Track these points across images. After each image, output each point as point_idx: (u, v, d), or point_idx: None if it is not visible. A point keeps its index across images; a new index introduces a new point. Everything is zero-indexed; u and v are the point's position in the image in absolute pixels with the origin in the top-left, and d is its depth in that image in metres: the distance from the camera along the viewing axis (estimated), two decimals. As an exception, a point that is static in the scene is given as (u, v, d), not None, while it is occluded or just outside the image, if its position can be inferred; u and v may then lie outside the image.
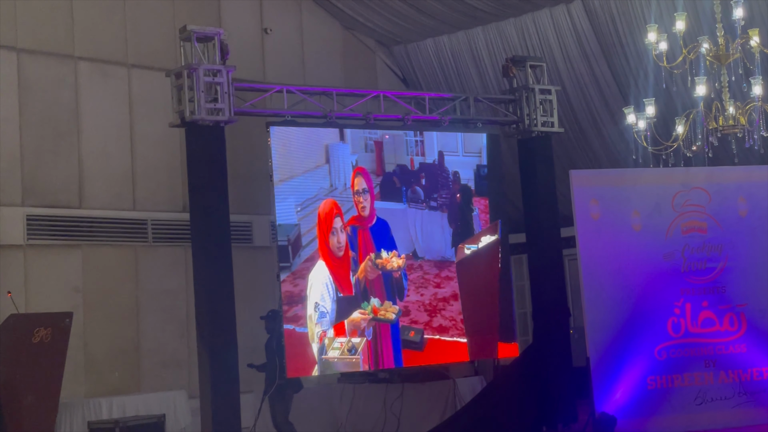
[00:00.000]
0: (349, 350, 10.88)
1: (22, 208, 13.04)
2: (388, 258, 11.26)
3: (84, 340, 13.19)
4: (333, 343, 10.93)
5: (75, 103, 13.64)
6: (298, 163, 11.01)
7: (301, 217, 10.81)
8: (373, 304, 11.32)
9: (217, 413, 10.24)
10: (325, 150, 11.51)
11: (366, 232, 11.28)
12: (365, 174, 11.46)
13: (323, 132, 11.63)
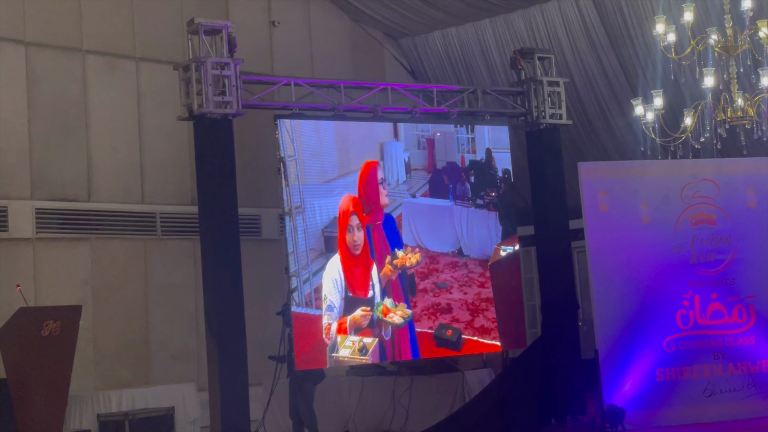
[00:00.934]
0: (359, 350, 10.88)
1: (30, 202, 13.07)
2: (404, 256, 11.22)
3: (93, 333, 13.24)
4: (345, 342, 10.93)
5: (83, 97, 13.66)
6: (354, 160, 11.36)
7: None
8: (385, 303, 11.31)
9: (226, 406, 10.26)
10: (380, 147, 11.77)
11: (380, 229, 11.26)
12: (380, 167, 11.47)
13: (379, 129, 11.93)
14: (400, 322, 11.17)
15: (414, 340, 11.60)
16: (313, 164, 11.00)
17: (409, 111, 11.89)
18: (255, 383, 11.49)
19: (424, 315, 11.90)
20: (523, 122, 12.79)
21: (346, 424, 12.82)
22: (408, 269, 11.43)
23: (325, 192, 11.12)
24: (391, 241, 11.42)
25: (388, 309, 11.13)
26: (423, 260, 11.86)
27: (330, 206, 11.14)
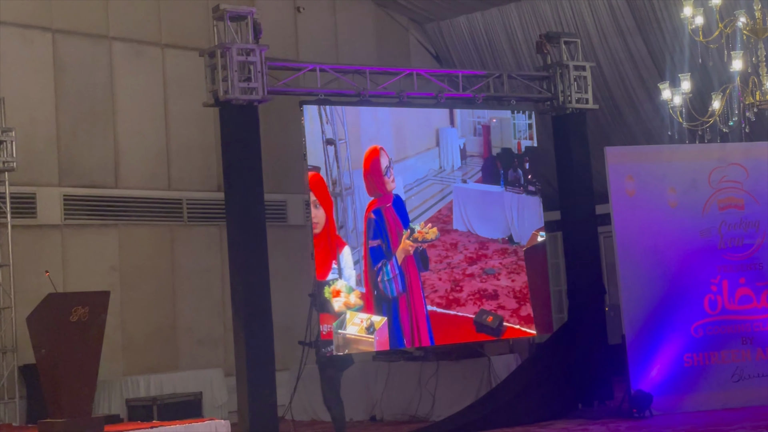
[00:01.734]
0: (367, 328, 10.87)
1: (59, 188, 13.17)
2: (422, 230, 11.22)
3: (121, 318, 13.33)
4: (354, 319, 10.90)
5: (110, 84, 13.73)
6: (410, 146, 11.51)
7: (409, 196, 11.26)
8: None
9: (254, 391, 10.31)
10: (436, 133, 11.91)
11: (390, 210, 11.27)
12: (385, 152, 11.40)
13: (435, 116, 12.04)
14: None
15: (429, 326, 11.56)
16: (368, 147, 11.16)
17: (435, 96, 11.86)
18: (281, 368, 11.54)
19: (469, 300, 11.89)
20: (548, 107, 12.74)
21: (373, 409, 12.85)
22: (427, 243, 11.38)
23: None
24: (404, 220, 11.41)
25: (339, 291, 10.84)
26: (472, 244, 11.83)
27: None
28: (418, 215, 11.38)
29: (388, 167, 11.32)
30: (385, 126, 11.53)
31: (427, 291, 11.48)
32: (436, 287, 11.58)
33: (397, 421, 12.42)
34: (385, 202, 11.36)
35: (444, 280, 11.74)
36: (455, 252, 12.00)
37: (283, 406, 11.28)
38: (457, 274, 11.93)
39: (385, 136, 11.46)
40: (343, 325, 10.76)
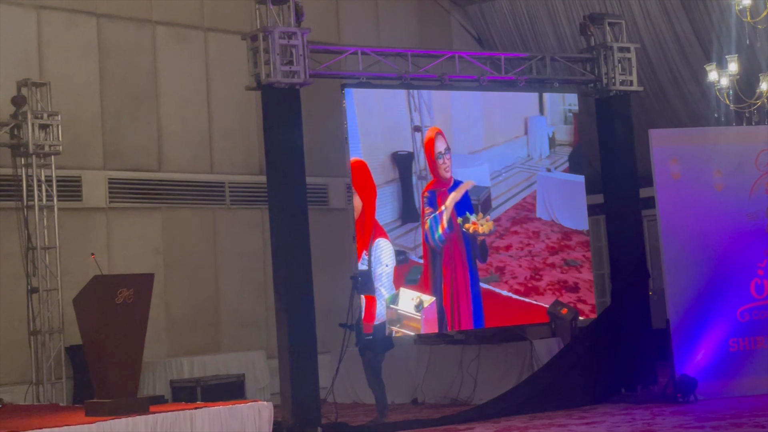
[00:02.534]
0: (416, 306, 10.84)
1: (103, 172, 13.29)
2: (476, 222, 11.11)
3: (165, 300, 13.45)
4: (406, 296, 10.88)
5: (153, 68, 13.81)
6: (499, 133, 11.56)
7: (495, 183, 11.30)
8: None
9: (295, 373, 10.36)
10: (525, 122, 11.95)
11: (444, 195, 11.21)
12: (442, 135, 11.32)
13: (524, 104, 12.06)
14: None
15: (479, 309, 11.49)
16: (460, 136, 11.15)
17: (477, 79, 11.79)
18: (323, 351, 11.58)
19: (548, 289, 11.86)
20: (592, 89, 12.62)
21: (414, 392, 12.87)
22: (479, 236, 11.29)
23: (468, 162, 11.25)
24: (459, 207, 11.30)
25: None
26: (555, 234, 11.73)
27: (472, 175, 11.31)
28: (502, 202, 11.38)
29: (441, 153, 11.17)
30: (474, 113, 11.50)
31: (506, 277, 11.47)
32: (516, 274, 11.58)
33: (438, 404, 12.43)
34: (440, 186, 11.25)
35: (524, 267, 11.78)
36: (537, 240, 12.01)
37: (325, 388, 11.33)
38: (538, 262, 11.94)
39: (473, 124, 11.45)
40: (396, 301, 10.75)
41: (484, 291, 11.44)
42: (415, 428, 10.52)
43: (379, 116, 10.87)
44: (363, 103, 10.89)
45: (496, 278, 11.56)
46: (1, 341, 12.25)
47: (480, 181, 11.23)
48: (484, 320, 11.54)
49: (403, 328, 10.79)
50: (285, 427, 10.08)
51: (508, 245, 11.58)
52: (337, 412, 10.88)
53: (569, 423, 10.21)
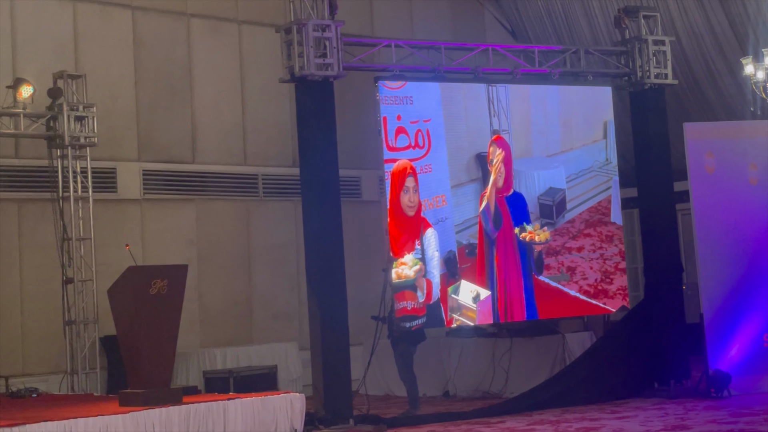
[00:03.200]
0: (473, 298, 10.83)
1: (138, 163, 13.39)
2: (533, 231, 11.12)
3: (198, 292, 13.53)
4: (467, 287, 10.86)
5: (188, 60, 13.89)
6: (577, 137, 11.64)
7: (570, 186, 11.38)
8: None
9: (328, 365, 10.39)
10: (604, 126, 12.04)
11: (502, 201, 11.19)
12: (501, 143, 11.21)
13: (604, 108, 12.06)
14: (411, 275, 10.52)
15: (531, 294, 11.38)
16: (538, 139, 11.27)
17: (510, 72, 11.76)
18: (355, 343, 11.61)
19: (618, 294, 11.92)
20: (626, 82, 12.55)
21: (446, 385, 12.88)
22: (536, 245, 11.22)
23: (545, 164, 11.34)
24: (516, 215, 11.26)
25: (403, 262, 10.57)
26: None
27: (549, 178, 11.40)
28: (577, 204, 11.48)
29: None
30: (552, 117, 11.56)
31: (577, 277, 11.53)
32: (587, 275, 11.61)
33: (470, 397, 12.44)
34: (498, 192, 11.12)
35: (595, 269, 11.80)
36: (610, 245, 12.02)
37: (356, 380, 11.36)
38: (609, 266, 11.92)
39: (552, 128, 11.53)
40: (457, 291, 10.77)
41: (552, 288, 11.43)
42: (447, 421, 10.53)
43: (465, 119, 10.91)
44: (450, 107, 10.83)
45: (567, 278, 11.60)
46: (37, 331, 12.40)
47: (556, 183, 11.35)
48: (538, 314, 11.45)
49: (461, 316, 10.81)
50: (317, 419, 10.12)
51: (581, 247, 11.64)
52: (368, 404, 10.91)
53: (601, 417, 10.18)
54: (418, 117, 10.21)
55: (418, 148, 10.12)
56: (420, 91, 10.22)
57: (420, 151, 10.10)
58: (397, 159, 9.82)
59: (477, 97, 10.86)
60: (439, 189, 10.27)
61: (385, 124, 9.84)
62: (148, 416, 8.85)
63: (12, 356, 12.19)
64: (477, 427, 10.00)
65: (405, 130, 10.10)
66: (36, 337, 12.40)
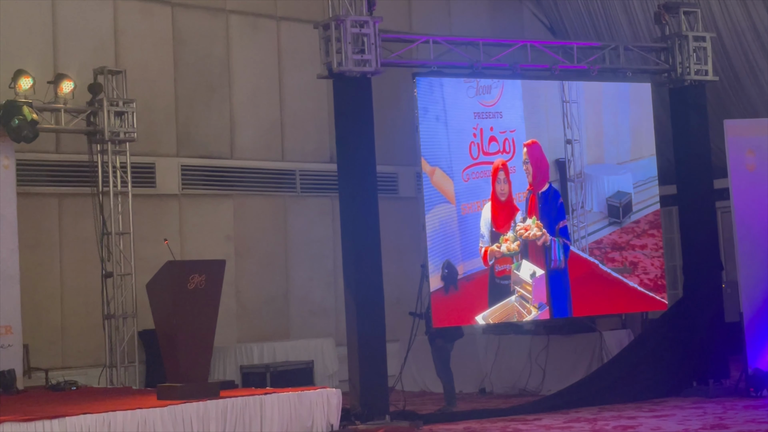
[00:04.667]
0: (531, 275, 11.37)
1: (176, 159, 13.49)
2: (527, 226, 11.56)
3: (236, 287, 13.60)
4: (526, 264, 11.39)
5: (226, 56, 13.96)
6: (646, 147, 12.36)
7: (637, 191, 12.18)
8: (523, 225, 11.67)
9: (364, 361, 10.40)
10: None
11: (533, 197, 11.66)
12: (530, 147, 11.69)
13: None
14: (504, 252, 11.39)
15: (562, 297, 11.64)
16: (609, 148, 12.20)
17: (549, 68, 11.70)
18: (392, 339, 11.62)
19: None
20: (666, 79, 12.45)
21: (482, 382, 12.86)
22: (530, 240, 11.55)
23: (615, 170, 12.17)
24: (544, 210, 11.69)
25: (507, 240, 11.50)
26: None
27: (618, 182, 12.14)
28: (643, 207, 12.20)
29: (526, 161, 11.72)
30: (623, 129, 12.28)
31: (638, 271, 12.04)
32: (648, 270, 12.07)
33: (506, 394, 12.41)
34: (533, 189, 11.64)
35: (656, 266, 12.14)
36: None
37: (393, 376, 11.37)
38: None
39: (622, 138, 12.27)
40: (519, 268, 11.33)
41: (613, 279, 11.93)
42: (483, 418, 10.51)
43: (546, 130, 11.82)
44: (532, 118, 11.68)
45: (629, 270, 12.02)
46: (77, 325, 12.53)
47: (623, 187, 12.17)
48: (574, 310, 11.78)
49: (522, 289, 11.30)
50: (353, 414, 10.14)
51: (644, 245, 12.16)
52: (405, 400, 10.92)
53: (639, 416, 10.12)
54: (506, 128, 11.54)
55: (505, 153, 11.51)
56: (508, 108, 11.53)
57: (507, 155, 11.52)
58: (491, 161, 11.39)
59: (555, 111, 11.87)
60: (522, 188, 11.58)
61: (482, 134, 11.37)
62: (186, 410, 8.91)
63: (52, 349, 12.32)
64: (513, 425, 9.97)
65: (496, 138, 11.51)
66: (75, 330, 12.53)
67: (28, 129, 11.16)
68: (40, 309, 12.23)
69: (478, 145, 11.45)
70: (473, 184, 11.43)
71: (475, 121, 11.42)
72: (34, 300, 12.09)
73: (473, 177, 11.45)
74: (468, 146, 11.31)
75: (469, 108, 11.37)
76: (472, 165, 11.36)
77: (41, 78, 11.66)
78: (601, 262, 12.02)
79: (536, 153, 11.78)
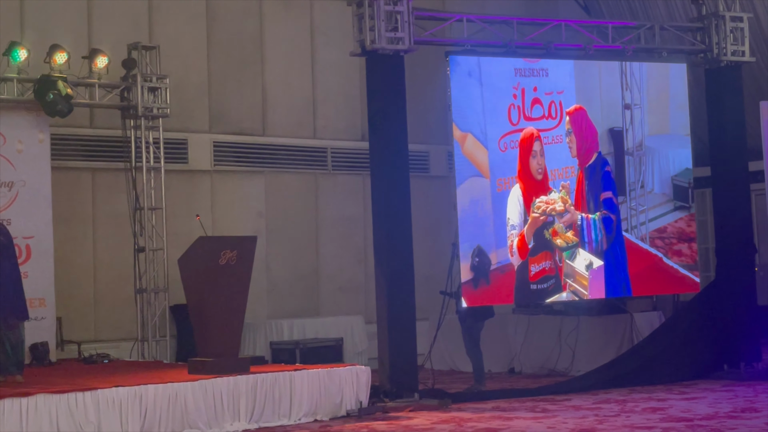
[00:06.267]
0: (586, 266, 10.52)
1: (209, 135, 13.53)
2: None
3: (266, 263, 13.65)
4: (581, 254, 10.48)
5: (259, 33, 13.96)
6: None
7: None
8: (554, 226, 10.87)
9: (394, 339, 10.42)
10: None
11: (581, 174, 10.84)
12: (573, 115, 10.70)
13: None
14: (561, 245, 10.39)
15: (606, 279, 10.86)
16: (676, 114, 10.89)
17: (583, 48, 11.60)
18: (422, 318, 11.63)
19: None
20: (702, 59, 12.32)
21: (511, 362, 12.85)
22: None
23: (682, 143, 11.02)
24: (591, 182, 10.72)
25: (556, 232, 10.42)
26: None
27: (685, 158, 11.07)
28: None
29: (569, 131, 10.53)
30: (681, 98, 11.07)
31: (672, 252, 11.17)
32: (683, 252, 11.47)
33: (535, 374, 12.40)
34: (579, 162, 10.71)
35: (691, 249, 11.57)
36: None
37: (422, 355, 11.38)
38: None
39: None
40: (573, 257, 10.44)
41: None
42: (512, 397, 10.51)
43: (599, 92, 10.57)
44: (584, 80, 10.50)
45: (698, 267, 11.53)
46: (109, 298, 12.63)
47: (686, 164, 11.12)
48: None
49: (574, 282, 10.51)
50: (382, 392, 10.17)
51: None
52: (434, 378, 10.94)
53: (669, 398, 10.08)
54: (552, 89, 10.00)
55: (551, 118, 9.92)
56: (555, 65, 10.05)
57: (552, 121, 9.89)
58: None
59: (611, 70, 10.49)
60: (569, 161, 9.97)
61: (523, 94, 9.77)
62: (216, 385, 8.98)
63: (84, 322, 12.44)
64: (542, 405, 9.97)
65: (540, 100, 9.98)
66: (108, 304, 12.64)
67: (63, 103, 11.23)
68: (73, 282, 12.34)
69: (519, 108, 10.05)
70: (511, 156, 9.86)
71: (515, 79, 10.04)
72: (68, 273, 12.20)
73: (512, 146, 9.85)
74: (506, 109, 9.78)
75: (509, 62, 9.97)
76: (510, 132, 9.83)
77: (76, 53, 11.72)
78: (665, 255, 10.77)
79: (581, 121, 10.46)
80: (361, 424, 9.19)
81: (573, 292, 10.30)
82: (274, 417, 9.22)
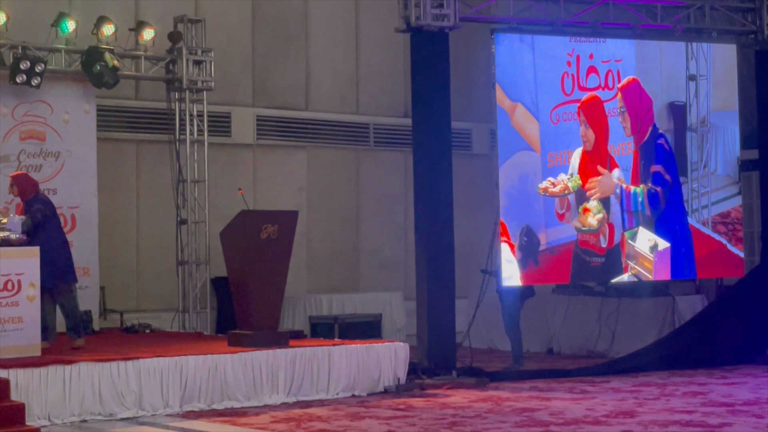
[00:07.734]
0: (651, 248, 10.13)
1: (252, 109, 13.56)
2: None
3: (307, 238, 13.69)
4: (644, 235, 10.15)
5: (304, 7, 13.94)
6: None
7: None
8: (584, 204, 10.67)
9: (433, 316, 10.43)
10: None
11: (635, 153, 10.54)
12: (625, 90, 10.18)
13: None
14: (594, 224, 9.99)
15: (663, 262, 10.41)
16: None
17: (631, 27, 11.47)
18: (461, 296, 11.61)
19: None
20: (752, 40, 12.12)
21: (550, 342, 12.81)
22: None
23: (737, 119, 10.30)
24: (646, 159, 10.12)
25: (587, 209, 9.99)
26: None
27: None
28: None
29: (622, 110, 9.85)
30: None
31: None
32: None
33: (574, 355, 12.35)
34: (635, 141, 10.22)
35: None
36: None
37: (461, 333, 11.37)
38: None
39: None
40: (634, 238, 9.98)
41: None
42: (550, 378, 10.48)
43: (660, 62, 9.92)
44: (645, 47, 9.86)
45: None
46: (151, 269, 12.74)
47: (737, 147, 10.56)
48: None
49: (637, 265, 10.08)
50: (420, 369, 10.18)
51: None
52: (472, 356, 10.92)
53: (709, 382, 10.00)
54: (610, 56, 9.30)
55: (608, 89, 9.30)
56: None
57: (609, 93, 9.24)
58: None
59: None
60: (625, 138, 9.34)
61: (578, 62, 9.16)
62: (256, 357, 9.04)
63: (127, 292, 12.57)
64: (581, 386, 9.93)
65: (596, 69, 9.40)
66: (150, 275, 12.75)
67: (109, 75, 11.31)
68: (116, 252, 12.46)
69: (573, 76, 9.49)
70: (564, 128, 9.22)
71: (570, 45, 9.45)
72: (111, 243, 12.32)
73: (564, 118, 9.22)
74: (560, 78, 9.21)
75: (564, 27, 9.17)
76: (564, 103, 9.25)
77: (123, 25, 11.78)
78: (729, 242, 10.15)
79: (634, 95, 9.83)
80: (398, 401, 9.21)
81: (635, 275, 9.72)
82: (312, 391, 9.27)
